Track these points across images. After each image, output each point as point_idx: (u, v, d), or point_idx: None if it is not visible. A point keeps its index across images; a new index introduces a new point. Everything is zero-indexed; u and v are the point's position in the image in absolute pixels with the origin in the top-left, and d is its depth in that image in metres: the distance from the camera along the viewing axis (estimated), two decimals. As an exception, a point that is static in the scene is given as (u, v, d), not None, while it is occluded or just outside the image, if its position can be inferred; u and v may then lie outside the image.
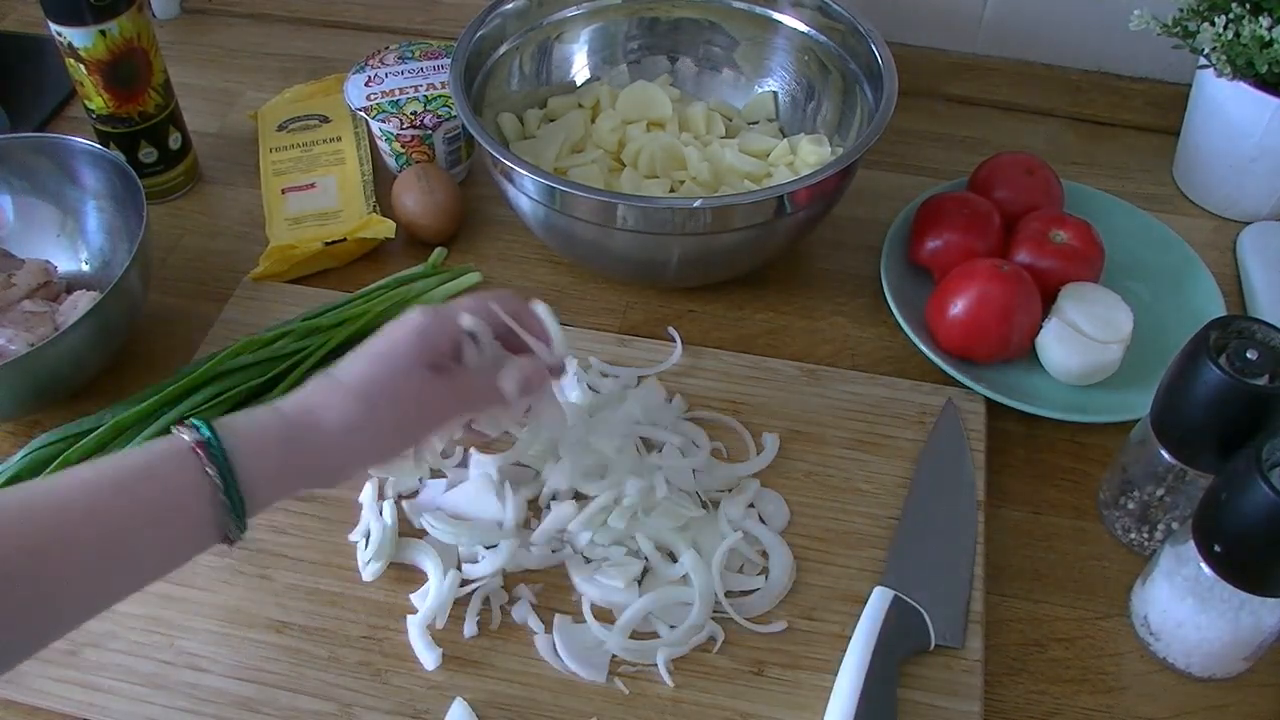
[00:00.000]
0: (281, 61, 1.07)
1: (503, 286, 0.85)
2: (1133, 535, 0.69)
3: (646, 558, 0.66)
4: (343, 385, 0.56)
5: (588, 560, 0.67)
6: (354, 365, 0.57)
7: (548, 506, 0.68)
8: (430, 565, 0.66)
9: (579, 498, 0.68)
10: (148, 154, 0.89)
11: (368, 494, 0.69)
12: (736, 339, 0.82)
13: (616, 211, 0.73)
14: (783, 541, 0.67)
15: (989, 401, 0.74)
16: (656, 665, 0.62)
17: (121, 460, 0.52)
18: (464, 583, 0.65)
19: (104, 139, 0.87)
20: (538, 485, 0.70)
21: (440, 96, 0.89)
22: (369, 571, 0.66)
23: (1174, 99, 0.96)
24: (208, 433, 0.52)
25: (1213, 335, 0.60)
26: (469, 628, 0.64)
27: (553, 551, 0.67)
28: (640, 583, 0.66)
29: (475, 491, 0.69)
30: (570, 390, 0.74)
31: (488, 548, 0.66)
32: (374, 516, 0.68)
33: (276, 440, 0.54)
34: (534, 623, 0.64)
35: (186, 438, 0.52)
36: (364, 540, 0.67)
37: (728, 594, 0.65)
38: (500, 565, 0.65)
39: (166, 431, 0.69)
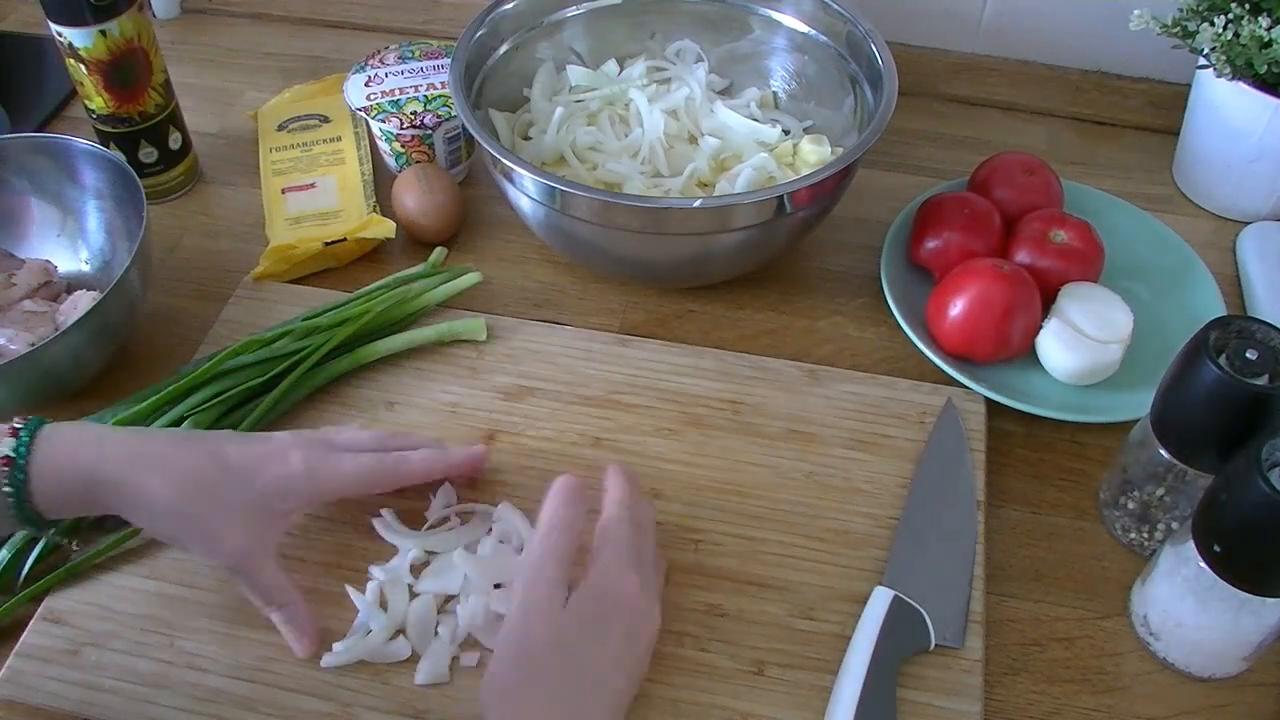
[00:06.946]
0: (281, 61, 1.07)
1: (504, 288, 0.85)
2: (1133, 535, 0.69)
3: None
4: None
5: None
6: None
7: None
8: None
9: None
10: (148, 154, 0.89)
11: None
12: (736, 339, 0.82)
13: (616, 211, 0.73)
14: None
15: (989, 401, 0.74)
16: None
17: None
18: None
19: (104, 139, 0.87)
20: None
21: (440, 96, 0.89)
22: None
23: (1174, 99, 0.96)
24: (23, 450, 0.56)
25: (1212, 335, 0.60)
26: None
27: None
28: None
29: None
30: None
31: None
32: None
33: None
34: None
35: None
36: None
37: None
38: None
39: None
